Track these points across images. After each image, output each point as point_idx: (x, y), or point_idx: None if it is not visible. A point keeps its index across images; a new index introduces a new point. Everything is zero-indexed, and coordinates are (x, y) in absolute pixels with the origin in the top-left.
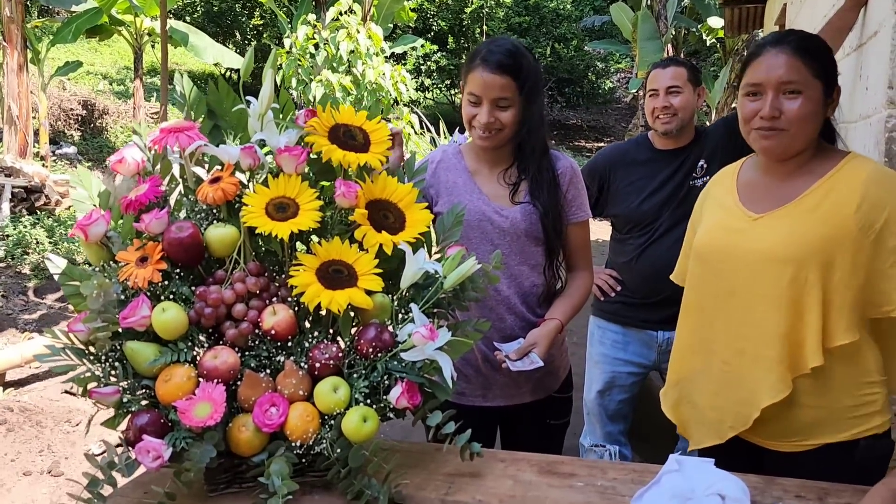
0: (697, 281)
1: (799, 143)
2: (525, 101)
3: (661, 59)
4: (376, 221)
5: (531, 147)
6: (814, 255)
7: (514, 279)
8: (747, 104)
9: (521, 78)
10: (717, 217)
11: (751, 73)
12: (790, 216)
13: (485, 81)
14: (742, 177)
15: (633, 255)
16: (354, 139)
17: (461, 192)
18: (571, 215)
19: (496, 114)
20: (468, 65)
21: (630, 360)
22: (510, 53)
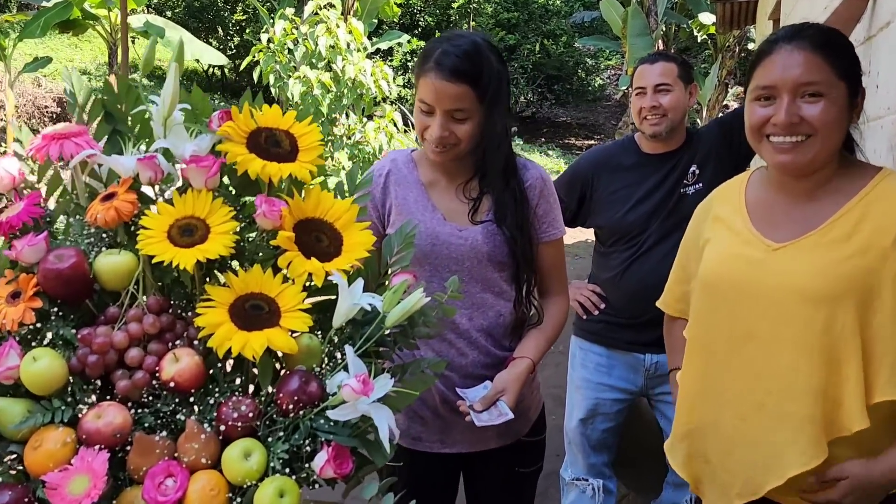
0: (706, 317)
1: (822, 156)
2: (486, 111)
3: (649, 54)
4: (306, 246)
5: (494, 162)
6: (850, 294)
7: (476, 309)
8: (757, 110)
9: (482, 85)
10: (727, 242)
11: (762, 74)
12: (819, 246)
13: (437, 89)
14: (751, 194)
15: (618, 271)
16: (279, 146)
17: (413, 208)
18: (542, 233)
19: (451, 126)
20: (419, 66)
21: (615, 386)
22: (468, 56)
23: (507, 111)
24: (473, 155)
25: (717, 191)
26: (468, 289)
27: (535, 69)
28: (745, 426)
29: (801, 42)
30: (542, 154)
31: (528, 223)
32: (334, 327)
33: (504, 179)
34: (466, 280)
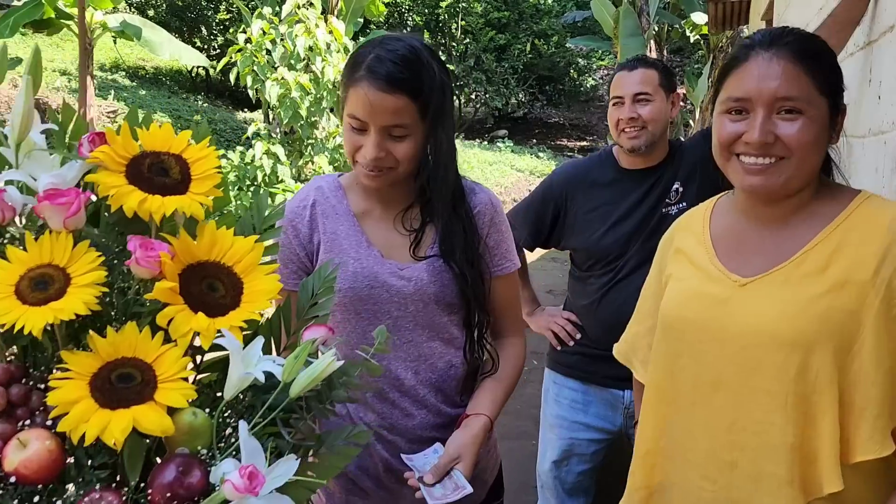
0: (668, 363)
1: (797, 181)
2: (429, 126)
3: (628, 60)
4: (195, 297)
5: (440, 186)
6: (825, 338)
7: (423, 361)
8: (727, 124)
9: (423, 96)
10: (688, 278)
11: (734, 84)
12: (790, 281)
13: (371, 102)
14: (716, 223)
15: (594, 298)
16: (167, 174)
17: (344, 244)
18: (495, 266)
19: (388, 146)
20: (347, 75)
21: (591, 425)
22: (406, 62)
23: (453, 127)
24: (414, 179)
25: (679, 220)
26: (413, 337)
27: (527, 69)
28: (716, 489)
29: (780, 50)
30: (533, 156)
31: (478, 256)
32: (225, 399)
33: (451, 206)
34: (410, 327)
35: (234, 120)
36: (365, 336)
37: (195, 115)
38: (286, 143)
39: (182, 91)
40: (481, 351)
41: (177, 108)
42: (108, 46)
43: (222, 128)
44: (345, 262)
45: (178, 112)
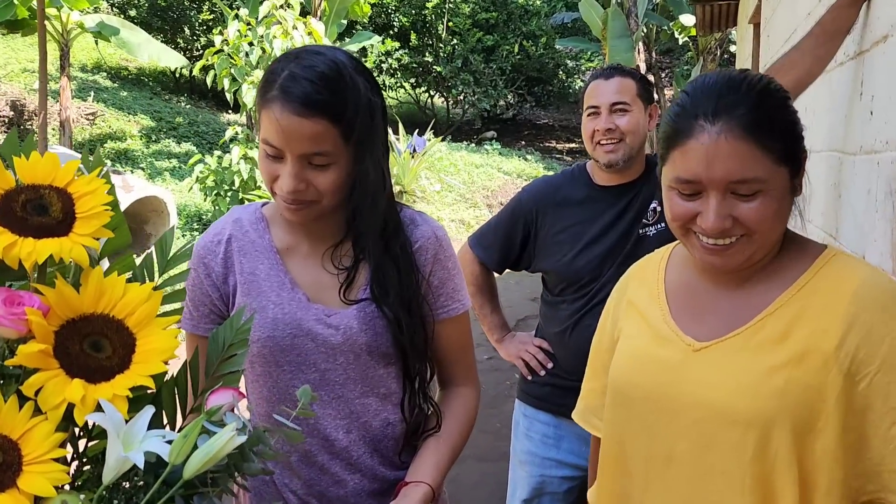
0: (617, 430)
1: (762, 252)
2: (355, 153)
3: (603, 68)
4: (73, 359)
5: (369, 220)
6: (784, 415)
7: (355, 419)
8: (678, 201)
9: (346, 119)
10: (639, 337)
11: (681, 163)
12: (746, 349)
13: (285, 127)
14: (672, 276)
15: (567, 324)
16: (46, 213)
17: (263, 285)
18: (440, 309)
19: (307, 176)
20: (260, 94)
21: (564, 461)
22: (326, 80)
23: (385, 151)
24: (342, 210)
25: (633, 268)
26: (343, 393)
27: (515, 71)
28: None
29: (728, 125)
30: (521, 158)
31: (418, 299)
32: (104, 484)
33: (383, 242)
34: (340, 381)
35: (218, 122)
36: (288, 392)
37: (177, 118)
38: None
39: (165, 92)
40: (426, 403)
41: (158, 110)
42: (89, 47)
43: (205, 130)
44: (264, 306)
45: (159, 114)
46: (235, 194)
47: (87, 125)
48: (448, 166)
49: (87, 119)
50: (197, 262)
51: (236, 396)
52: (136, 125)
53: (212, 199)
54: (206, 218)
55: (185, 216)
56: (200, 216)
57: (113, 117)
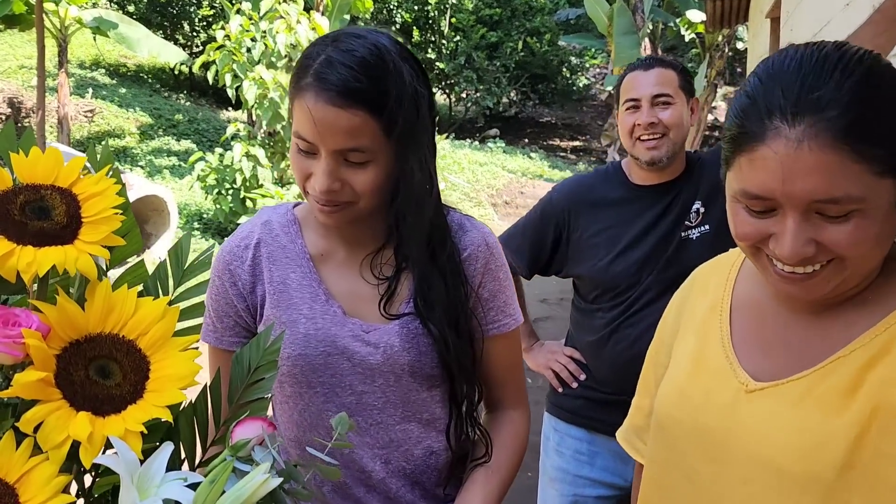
0: (658, 470)
1: (855, 280)
2: (398, 149)
3: (642, 59)
4: (78, 388)
5: (411, 227)
6: (848, 484)
7: (394, 448)
8: (745, 218)
9: (388, 111)
10: (688, 362)
11: (751, 175)
12: (810, 398)
13: (319, 119)
14: (742, 286)
15: (602, 333)
16: (48, 216)
17: (294, 296)
18: (490, 324)
19: (344, 174)
20: (294, 81)
21: (598, 480)
22: (367, 67)
23: (432, 149)
24: (383, 213)
25: (699, 271)
26: (382, 419)
27: (519, 68)
28: None
29: (814, 128)
30: (525, 157)
31: (466, 314)
32: None
33: (428, 250)
34: (379, 406)
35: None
36: (320, 416)
37: (176, 115)
38: (267, 144)
39: (164, 89)
40: (472, 429)
41: (158, 107)
42: (88, 43)
43: (205, 127)
44: (295, 320)
45: (159, 111)
46: (237, 193)
47: (85, 122)
48: (451, 164)
49: (86, 116)
50: (222, 268)
51: (266, 428)
52: (135, 122)
53: (213, 197)
54: (207, 217)
55: (185, 215)
56: (201, 215)
57: (111, 114)
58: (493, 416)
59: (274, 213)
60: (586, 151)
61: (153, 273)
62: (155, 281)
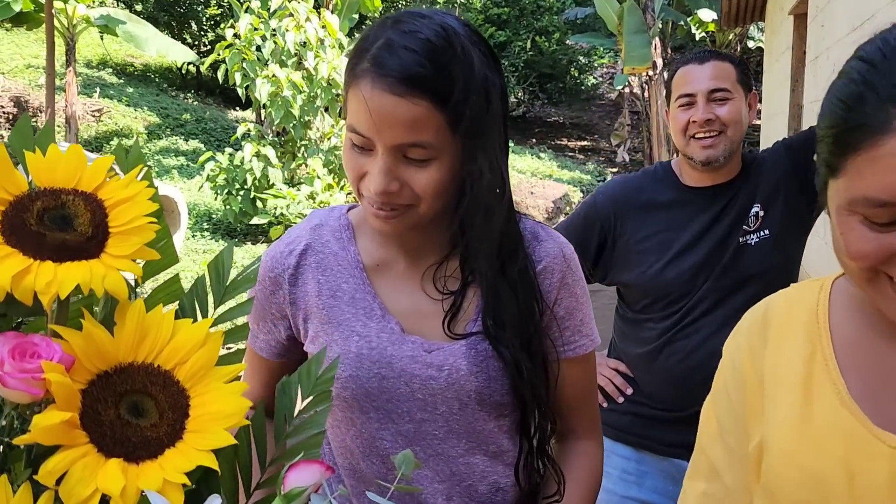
0: None
1: None
2: (465, 146)
3: (696, 52)
4: (108, 430)
5: (479, 236)
6: None
7: (456, 483)
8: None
9: (455, 102)
10: (804, 430)
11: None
12: None
13: (377, 109)
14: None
15: (653, 346)
16: (70, 225)
17: (346, 311)
18: (566, 345)
19: (403, 174)
20: (350, 68)
21: (647, 501)
22: (432, 51)
23: (504, 147)
24: (448, 220)
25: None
26: (444, 450)
27: (527, 67)
28: None
29: None
30: (534, 156)
31: (540, 334)
32: None
33: (499, 262)
34: (441, 435)
35: (226, 119)
36: (375, 444)
37: (184, 114)
38: (278, 144)
39: (172, 88)
40: (543, 464)
41: (165, 107)
42: (95, 42)
43: (213, 127)
44: (346, 337)
45: (166, 110)
46: (247, 193)
47: (92, 122)
48: None
49: (93, 115)
50: (263, 274)
51: (323, 473)
52: (143, 122)
53: (223, 198)
54: (217, 218)
55: (194, 216)
56: (210, 216)
57: (119, 114)
58: (565, 448)
59: (327, 216)
60: (595, 151)
61: (190, 290)
62: (192, 299)
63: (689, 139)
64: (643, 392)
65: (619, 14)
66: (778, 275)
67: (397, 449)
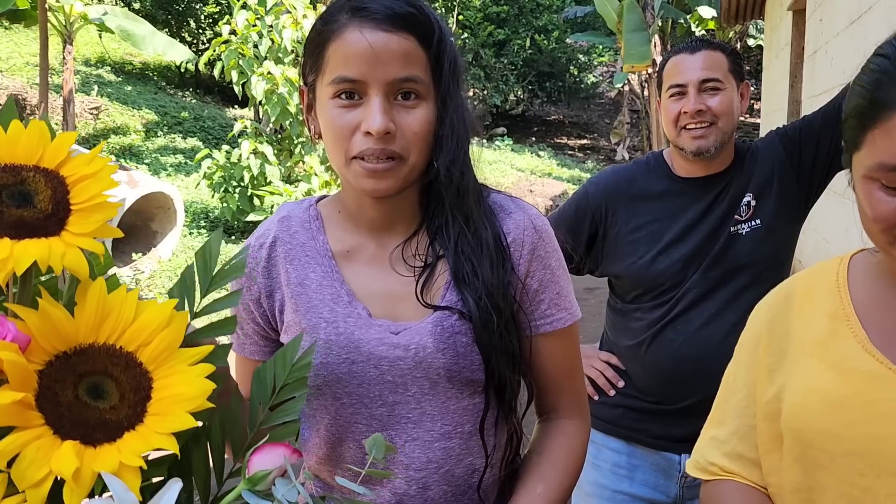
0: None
1: None
2: (442, 96)
3: (687, 41)
4: (66, 412)
5: (455, 190)
6: None
7: (435, 469)
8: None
9: (435, 43)
10: (829, 374)
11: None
12: None
13: (369, 44)
14: (860, 291)
15: (643, 337)
16: (29, 202)
17: (314, 299)
18: (541, 318)
19: (396, 117)
20: (320, 29)
21: (638, 495)
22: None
23: (466, 110)
24: (417, 190)
25: (792, 284)
26: (418, 434)
27: (526, 65)
28: None
29: None
30: (534, 154)
31: (511, 305)
32: None
33: (468, 230)
34: (416, 419)
35: (224, 117)
36: (350, 430)
37: (182, 112)
38: (275, 141)
39: (170, 87)
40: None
41: (163, 105)
42: (93, 41)
43: (211, 125)
44: (315, 325)
45: (164, 108)
46: (244, 190)
47: (90, 120)
48: None
49: (91, 113)
50: None
51: (289, 456)
52: (141, 120)
53: (220, 195)
54: (214, 215)
55: (191, 213)
56: (207, 213)
57: (117, 112)
58: (545, 427)
59: (295, 208)
60: (594, 149)
61: (179, 282)
62: (181, 288)
63: (680, 130)
64: (634, 385)
65: (619, 12)
66: (769, 265)
67: (371, 433)
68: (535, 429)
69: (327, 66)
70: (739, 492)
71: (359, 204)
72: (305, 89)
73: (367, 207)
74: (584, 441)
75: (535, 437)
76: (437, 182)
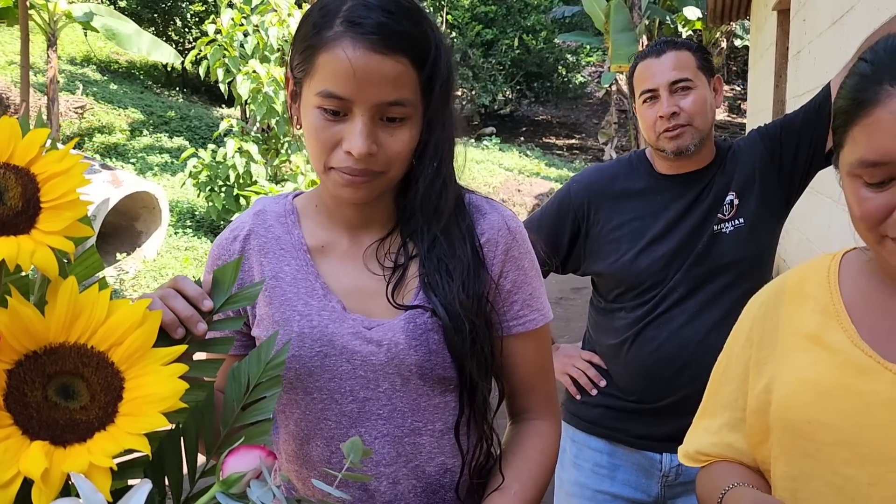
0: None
1: None
2: (430, 112)
3: (652, 44)
4: (34, 411)
5: (432, 193)
6: None
7: (403, 464)
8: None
9: (429, 62)
10: (818, 366)
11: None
12: None
13: (358, 68)
14: (849, 287)
15: (625, 336)
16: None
17: (288, 292)
18: (513, 319)
19: (380, 136)
20: (312, 34)
21: (619, 495)
22: (405, 11)
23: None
24: (392, 192)
25: (780, 283)
26: (389, 430)
27: (514, 65)
28: None
29: None
30: (522, 154)
31: (483, 306)
32: None
33: (445, 223)
34: (386, 415)
35: (211, 116)
36: (319, 426)
37: (168, 111)
38: (262, 140)
39: (156, 86)
40: (493, 443)
41: (150, 104)
42: (78, 39)
43: (197, 124)
44: (288, 318)
45: (150, 108)
46: (230, 190)
47: (75, 119)
48: None
49: (76, 112)
50: (211, 264)
51: (264, 458)
52: (127, 119)
53: (205, 194)
54: (199, 215)
55: (176, 213)
56: (193, 212)
57: (102, 111)
58: (518, 428)
59: (271, 203)
60: (582, 149)
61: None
62: None
63: (658, 134)
64: (616, 384)
65: (606, 12)
66: (752, 264)
67: (341, 430)
68: (507, 429)
69: (316, 72)
70: (730, 467)
71: (336, 202)
72: (292, 77)
73: (343, 206)
74: (557, 441)
75: (508, 437)
76: (415, 199)
